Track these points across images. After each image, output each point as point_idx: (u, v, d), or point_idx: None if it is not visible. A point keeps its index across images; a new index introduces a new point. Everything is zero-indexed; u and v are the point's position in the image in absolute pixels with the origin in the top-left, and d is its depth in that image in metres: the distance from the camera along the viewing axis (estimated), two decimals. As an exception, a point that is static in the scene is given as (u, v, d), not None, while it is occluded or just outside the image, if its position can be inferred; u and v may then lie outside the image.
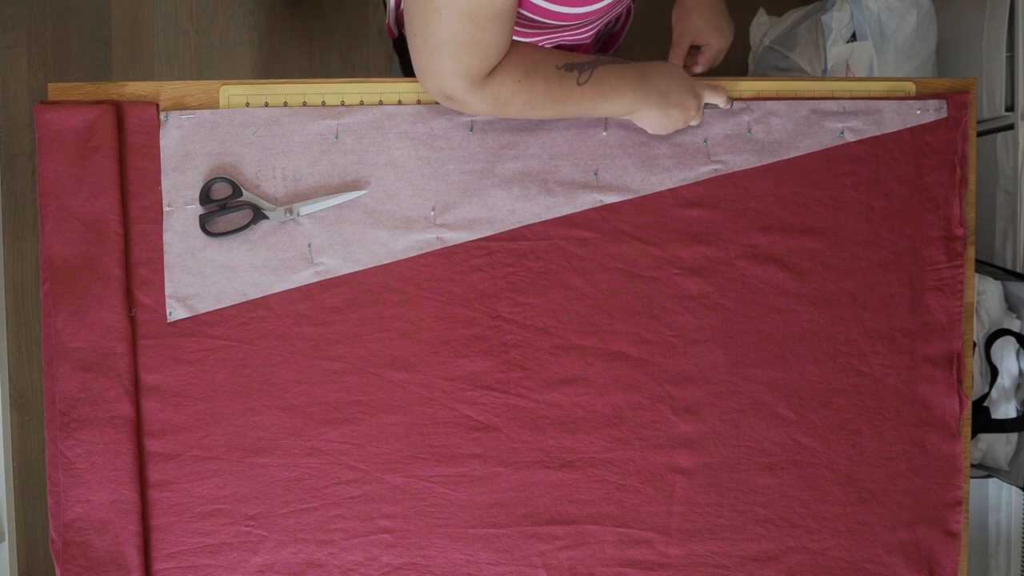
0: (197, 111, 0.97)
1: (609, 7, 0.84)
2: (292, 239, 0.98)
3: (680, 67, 0.96)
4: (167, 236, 0.97)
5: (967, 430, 1.03)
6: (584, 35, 0.97)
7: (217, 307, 0.97)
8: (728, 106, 0.97)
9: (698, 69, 1.01)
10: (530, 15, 0.84)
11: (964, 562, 1.02)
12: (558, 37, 0.95)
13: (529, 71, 0.83)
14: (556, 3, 0.81)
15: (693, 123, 0.96)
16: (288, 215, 0.97)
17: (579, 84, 0.85)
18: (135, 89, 0.98)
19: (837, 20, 1.37)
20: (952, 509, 1.02)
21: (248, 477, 0.98)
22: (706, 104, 0.96)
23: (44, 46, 1.88)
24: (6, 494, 1.53)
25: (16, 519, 1.68)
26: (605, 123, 0.99)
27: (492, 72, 0.81)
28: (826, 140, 1.00)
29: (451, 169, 0.98)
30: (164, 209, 0.97)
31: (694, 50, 1.01)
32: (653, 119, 0.93)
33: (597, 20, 0.93)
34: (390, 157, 0.98)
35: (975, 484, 1.35)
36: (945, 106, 1.01)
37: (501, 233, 0.99)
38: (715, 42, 0.99)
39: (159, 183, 0.97)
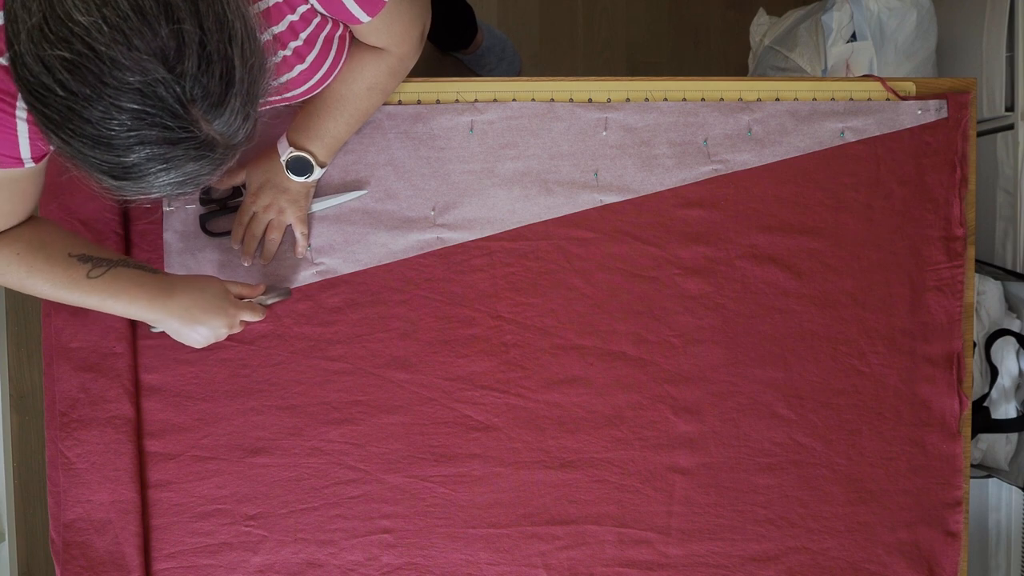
0: (197, 111, 0.97)
1: None
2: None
3: (219, 282, 0.89)
4: (167, 236, 0.97)
5: (967, 430, 1.02)
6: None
7: (217, 307, 0.97)
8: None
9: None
10: None
11: (964, 562, 1.02)
12: None
13: (34, 248, 0.81)
14: None
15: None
16: (288, 215, 0.97)
17: (88, 277, 0.82)
18: (135, 89, 0.97)
19: (837, 20, 1.37)
20: (952, 509, 1.02)
21: (248, 477, 0.98)
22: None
23: (44, 46, 1.87)
24: (6, 494, 1.53)
25: (16, 519, 1.68)
26: (605, 123, 0.99)
27: None
28: (826, 140, 1.00)
29: (451, 169, 0.98)
30: (164, 209, 0.97)
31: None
32: (179, 333, 0.88)
33: None
34: (390, 157, 0.98)
35: (975, 484, 1.34)
36: (945, 106, 1.01)
37: (501, 233, 0.99)
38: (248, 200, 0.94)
39: (159, 183, 0.96)
